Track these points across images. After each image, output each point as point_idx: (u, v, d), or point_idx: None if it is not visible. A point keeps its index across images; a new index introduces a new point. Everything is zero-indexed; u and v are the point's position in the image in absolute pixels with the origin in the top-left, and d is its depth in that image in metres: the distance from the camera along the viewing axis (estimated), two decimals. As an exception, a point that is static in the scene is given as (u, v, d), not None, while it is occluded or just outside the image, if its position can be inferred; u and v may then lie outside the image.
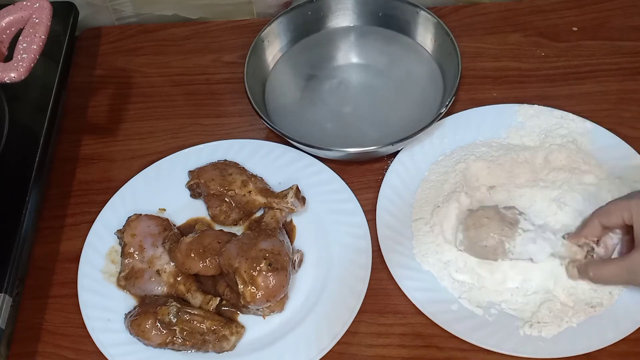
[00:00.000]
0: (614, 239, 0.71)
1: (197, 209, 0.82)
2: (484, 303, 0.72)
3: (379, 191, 0.80)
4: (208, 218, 0.81)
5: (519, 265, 0.72)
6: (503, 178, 0.79)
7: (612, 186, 0.77)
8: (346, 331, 0.71)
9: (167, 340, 0.71)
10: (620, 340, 0.69)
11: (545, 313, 0.70)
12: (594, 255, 0.71)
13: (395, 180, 0.81)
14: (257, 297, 0.69)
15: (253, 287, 0.69)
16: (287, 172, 0.82)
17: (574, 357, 0.68)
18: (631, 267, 0.66)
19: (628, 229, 0.69)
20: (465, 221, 0.74)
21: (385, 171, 0.82)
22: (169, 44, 0.98)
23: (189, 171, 0.82)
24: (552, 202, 0.76)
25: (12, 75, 0.69)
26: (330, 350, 0.71)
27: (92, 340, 0.73)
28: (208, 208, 0.80)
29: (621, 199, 0.70)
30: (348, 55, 0.93)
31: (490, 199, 0.77)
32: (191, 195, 0.82)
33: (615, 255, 0.72)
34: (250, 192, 0.78)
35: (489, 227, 0.72)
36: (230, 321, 0.73)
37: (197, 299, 0.74)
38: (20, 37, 0.71)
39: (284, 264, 0.71)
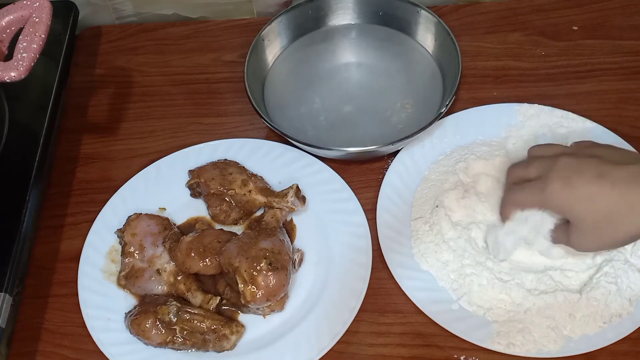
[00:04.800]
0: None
1: (197, 208, 0.82)
2: (484, 304, 0.72)
3: (379, 190, 0.80)
4: (208, 217, 0.81)
5: (515, 289, 0.71)
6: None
7: None
8: (346, 330, 0.71)
9: (167, 339, 0.71)
10: (620, 340, 0.69)
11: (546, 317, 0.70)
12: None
13: (396, 180, 0.81)
14: (258, 296, 0.69)
15: (253, 287, 0.69)
16: (287, 172, 0.82)
17: (574, 356, 0.68)
18: (569, 237, 0.65)
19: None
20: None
21: (386, 170, 0.82)
22: (169, 43, 0.98)
23: (189, 170, 0.82)
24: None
25: (12, 74, 0.69)
26: (330, 350, 0.71)
27: (92, 339, 0.72)
28: (208, 207, 0.80)
29: (529, 193, 0.66)
30: (348, 54, 0.93)
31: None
32: (191, 195, 0.82)
33: None
34: (250, 191, 0.78)
35: None
36: (230, 320, 0.73)
37: (197, 298, 0.74)
38: (20, 36, 0.71)
39: (284, 263, 0.71)
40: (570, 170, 0.63)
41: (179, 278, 0.75)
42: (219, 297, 0.73)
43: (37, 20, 0.71)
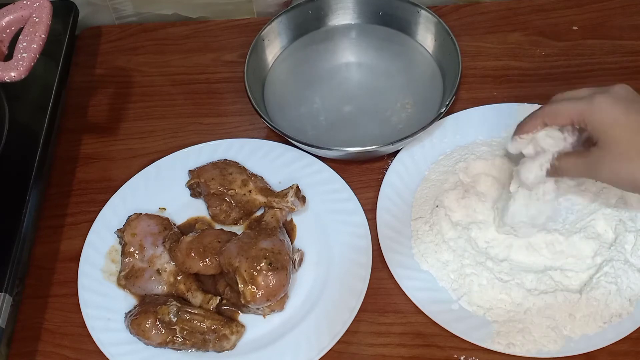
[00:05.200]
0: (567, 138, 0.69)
1: (198, 208, 0.82)
2: (484, 304, 0.72)
3: (379, 190, 0.80)
4: (208, 217, 0.81)
5: (514, 289, 0.72)
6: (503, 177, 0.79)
7: None
8: (346, 330, 0.71)
9: (167, 339, 0.71)
10: (620, 340, 0.69)
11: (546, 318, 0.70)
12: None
13: (396, 180, 0.81)
14: (258, 296, 0.69)
15: (253, 287, 0.69)
16: (287, 171, 0.82)
17: (574, 356, 0.68)
18: (590, 162, 0.64)
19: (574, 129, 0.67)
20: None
21: (386, 170, 0.82)
22: (169, 43, 0.98)
23: (189, 170, 0.82)
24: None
25: (12, 74, 0.69)
26: (330, 350, 0.71)
27: (92, 339, 0.73)
28: (208, 207, 0.80)
29: (572, 102, 0.65)
30: (348, 54, 0.93)
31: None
32: (191, 195, 0.82)
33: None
34: (250, 191, 0.78)
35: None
36: (230, 320, 0.73)
37: (197, 298, 0.74)
38: (20, 36, 0.71)
39: (284, 263, 0.71)
40: (624, 96, 0.64)
41: (179, 278, 0.75)
42: (219, 297, 0.73)
43: (37, 20, 0.71)
